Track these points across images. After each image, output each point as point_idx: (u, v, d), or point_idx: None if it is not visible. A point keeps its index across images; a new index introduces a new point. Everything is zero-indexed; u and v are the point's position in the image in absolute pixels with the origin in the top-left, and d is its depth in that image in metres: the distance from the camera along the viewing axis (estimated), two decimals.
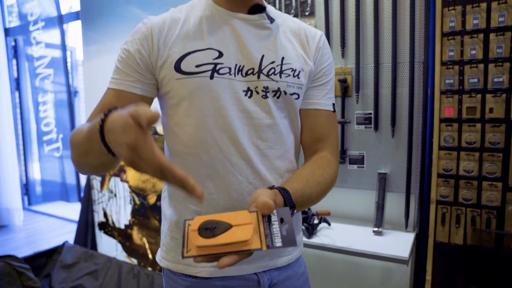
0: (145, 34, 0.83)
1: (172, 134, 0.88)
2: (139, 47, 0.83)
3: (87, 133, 0.67)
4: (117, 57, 0.86)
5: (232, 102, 0.83)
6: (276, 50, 0.87)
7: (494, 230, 1.60)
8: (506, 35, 1.52)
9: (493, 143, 1.58)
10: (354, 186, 1.79)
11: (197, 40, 0.84)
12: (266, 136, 0.86)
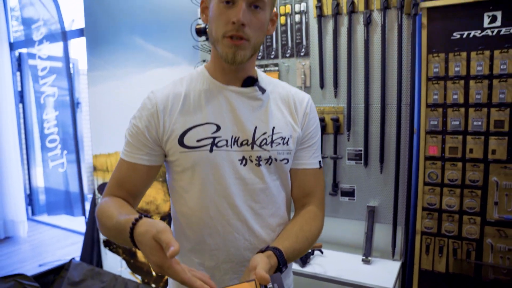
0: (151, 111, 0.96)
1: (178, 196, 1.01)
2: (147, 124, 0.95)
3: (117, 226, 0.82)
4: (128, 131, 0.99)
5: (229, 171, 0.95)
6: (267, 121, 0.98)
7: (474, 260, 1.75)
8: (484, 82, 1.66)
9: (473, 180, 1.72)
10: (345, 217, 1.93)
11: (197, 114, 0.95)
12: (260, 198, 0.99)
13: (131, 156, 0.97)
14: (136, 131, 0.96)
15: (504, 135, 1.65)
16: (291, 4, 1.93)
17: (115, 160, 2.76)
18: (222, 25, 0.88)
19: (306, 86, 1.94)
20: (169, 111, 0.95)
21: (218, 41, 0.91)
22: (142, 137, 0.95)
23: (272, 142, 0.98)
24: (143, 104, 0.98)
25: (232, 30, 0.88)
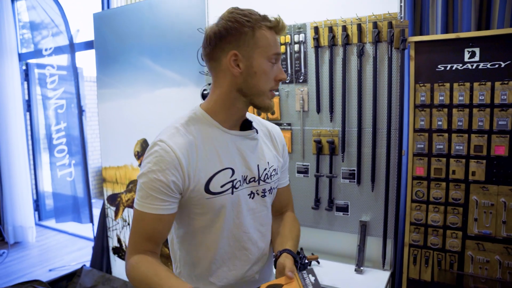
0: (173, 165, 0.98)
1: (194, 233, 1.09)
2: (172, 177, 0.98)
3: None
4: (148, 185, 0.98)
5: (243, 205, 1.11)
6: (264, 157, 1.15)
7: (456, 271, 1.94)
8: (465, 111, 1.85)
9: (455, 199, 1.91)
10: (340, 230, 2.12)
11: (215, 161, 1.05)
12: (264, 222, 1.19)
13: (156, 208, 0.99)
14: (160, 185, 0.98)
15: (482, 159, 1.84)
16: (291, 34, 2.11)
17: (124, 172, 2.93)
18: (270, 81, 1.04)
19: (304, 111, 2.12)
20: (190, 161, 1.01)
21: (262, 94, 1.04)
22: (167, 189, 0.99)
23: (270, 175, 1.17)
24: (160, 156, 0.99)
25: (276, 85, 1.07)
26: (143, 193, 1.00)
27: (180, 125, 1.05)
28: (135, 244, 1.01)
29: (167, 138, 1.01)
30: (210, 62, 1.07)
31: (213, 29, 1.03)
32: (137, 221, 1.01)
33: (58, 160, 3.86)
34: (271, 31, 1.04)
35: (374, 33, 1.91)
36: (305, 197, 2.18)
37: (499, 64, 1.78)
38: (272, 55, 1.03)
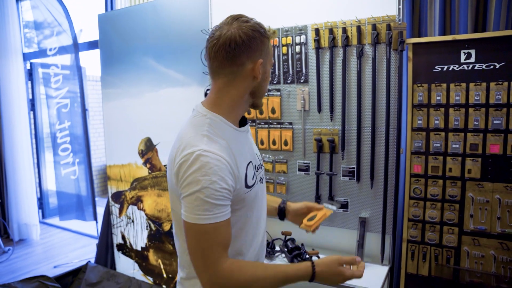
0: (228, 170, 1.04)
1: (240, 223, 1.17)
2: (230, 182, 1.04)
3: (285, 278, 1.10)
4: (214, 196, 1.00)
5: (261, 191, 1.26)
6: (255, 146, 1.31)
7: (452, 265, 2.01)
8: (461, 110, 1.92)
9: (452, 196, 1.98)
10: (340, 226, 2.18)
11: (242, 158, 1.13)
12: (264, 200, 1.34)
13: (225, 214, 1.04)
14: (226, 192, 1.03)
15: (478, 157, 1.91)
16: (292, 36, 2.18)
17: (128, 171, 3.00)
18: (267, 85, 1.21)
19: (305, 110, 2.19)
20: (232, 164, 1.07)
21: (263, 94, 1.20)
22: (230, 194, 1.05)
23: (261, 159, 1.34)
24: (215, 166, 1.01)
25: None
26: (210, 206, 1.00)
27: (207, 132, 1.08)
28: (216, 256, 1.03)
29: (208, 147, 1.03)
30: (232, 66, 1.09)
31: (235, 35, 1.06)
32: (210, 234, 1.02)
33: (62, 159, 3.94)
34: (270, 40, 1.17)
35: (373, 35, 1.97)
36: (306, 194, 2.25)
37: (494, 65, 1.84)
38: (272, 62, 1.18)
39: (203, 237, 1.02)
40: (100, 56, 3.04)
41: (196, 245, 1.03)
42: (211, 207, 1.00)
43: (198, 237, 1.02)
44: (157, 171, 2.84)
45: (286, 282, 1.11)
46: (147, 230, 2.94)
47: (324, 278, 1.14)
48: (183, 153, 1.04)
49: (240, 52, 1.07)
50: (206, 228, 1.01)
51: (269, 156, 2.34)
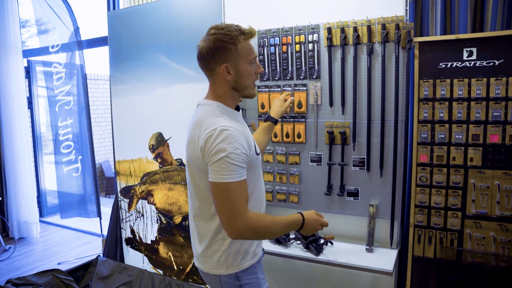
0: (244, 139, 1.37)
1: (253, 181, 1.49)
2: (247, 149, 1.37)
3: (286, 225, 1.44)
4: (238, 159, 1.30)
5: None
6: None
7: (456, 247, 2.21)
8: (464, 104, 2.12)
9: (456, 182, 2.18)
10: (351, 213, 2.36)
11: (248, 133, 1.47)
12: None
13: (244, 174, 1.35)
14: (245, 157, 1.35)
15: (479, 146, 2.11)
16: (305, 34, 2.35)
17: (138, 165, 3.12)
18: (252, 77, 1.47)
19: (318, 104, 2.36)
20: (246, 135, 1.41)
21: (248, 87, 1.47)
22: (247, 158, 1.37)
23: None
24: (236, 137, 1.32)
25: (257, 77, 1.52)
26: (235, 167, 1.30)
27: (220, 114, 1.41)
28: (242, 207, 1.31)
29: (226, 123, 1.35)
30: (207, 72, 1.45)
31: (204, 47, 1.40)
32: (236, 190, 1.31)
33: (64, 157, 4.00)
34: (247, 41, 1.42)
35: (383, 34, 2.15)
36: (318, 184, 2.42)
37: (493, 62, 2.05)
38: (251, 59, 1.44)
39: (231, 193, 1.30)
40: (109, 53, 3.14)
41: (225, 201, 1.31)
42: (236, 168, 1.30)
43: (226, 194, 1.30)
44: (168, 165, 2.97)
45: (288, 227, 1.45)
46: (157, 223, 3.06)
47: (309, 224, 1.49)
48: (207, 131, 1.33)
49: (208, 61, 1.41)
50: (232, 186, 1.30)
51: (282, 149, 2.50)
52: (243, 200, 1.32)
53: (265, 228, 1.37)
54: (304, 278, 2.54)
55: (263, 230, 1.38)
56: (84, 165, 3.93)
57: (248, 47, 1.43)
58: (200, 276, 2.93)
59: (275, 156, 2.52)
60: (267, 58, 2.47)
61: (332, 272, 2.45)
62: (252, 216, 1.34)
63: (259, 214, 1.40)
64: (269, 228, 1.38)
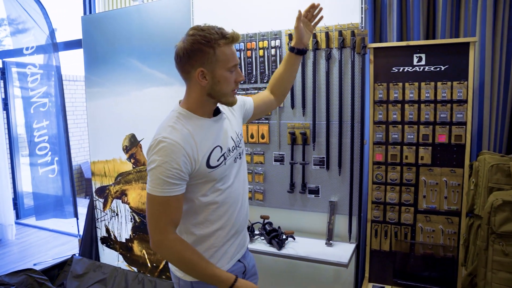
0: (182, 153, 1.30)
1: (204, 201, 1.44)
2: (183, 164, 1.31)
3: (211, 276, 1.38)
4: (165, 174, 1.28)
5: (233, 168, 1.54)
6: (233, 129, 1.57)
7: (409, 240, 2.40)
8: (414, 106, 2.31)
9: (408, 180, 2.37)
10: (312, 210, 2.54)
11: (207, 144, 1.41)
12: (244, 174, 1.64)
13: (176, 190, 1.32)
14: (176, 172, 1.30)
15: (429, 146, 2.31)
16: (268, 40, 2.52)
17: (112, 166, 3.25)
18: (231, 85, 1.41)
19: (280, 107, 2.53)
20: (192, 149, 1.35)
21: (226, 95, 1.41)
22: (181, 174, 1.32)
23: (240, 140, 1.62)
24: (170, 150, 1.29)
25: (236, 86, 1.46)
26: (161, 181, 1.29)
27: (173, 123, 1.36)
28: (162, 224, 1.32)
29: (169, 135, 1.32)
30: (182, 74, 1.40)
31: (180, 48, 1.34)
32: (160, 205, 1.31)
33: (39, 158, 4.11)
34: (228, 46, 1.36)
35: (340, 40, 2.34)
36: (281, 183, 2.59)
37: (440, 68, 2.25)
38: (231, 67, 1.38)
39: (155, 207, 1.32)
40: (84, 56, 3.28)
41: (150, 212, 1.34)
42: (162, 182, 1.29)
43: (151, 206, 1.33)
44: (141, 165, 3.11)
45: (209, 279, 1.40)
46: (131, 222, 3.21)
47: None
48: (151, 140, 1.34)
49: (184, 63, 1.36)
50: (157, 199, 1.31)
51: (247, 149, 2.67)
52: (168, 218, 1.33)
53: (179, 260, 1.37)
54: (270, 273, 2.71)
55: (179, 260, 1.37)
56: (62, 166, 4.04)
57: (228, 52, 1.36)
58: None
59: None
60: None
61: (296, 266, 2.63)
62: (174, 240, 1.35)
63: (184, 244, 1.38)
64: (187, 263, 1.37)
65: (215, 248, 1.50)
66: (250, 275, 1.70)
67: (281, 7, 2.49)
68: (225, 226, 1.51)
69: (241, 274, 1.62)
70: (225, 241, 1.52)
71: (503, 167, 2.02)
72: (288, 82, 1.88)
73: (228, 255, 1.55)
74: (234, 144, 1.55)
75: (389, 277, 2.48)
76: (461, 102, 2.22)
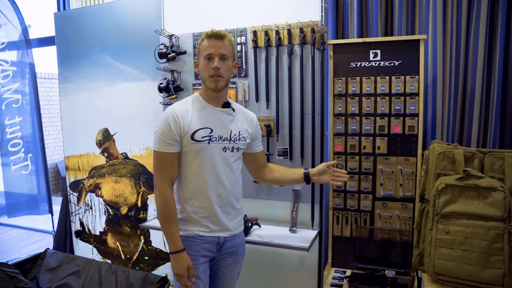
0: (175, 119, 1.78)
1: (186, 168, 1.84)
2: (174, 128, 1.77)
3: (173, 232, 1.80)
4: (161, 134, 1.77)
5: (218, 155, 1.86)
6: (237, 128, 1.93)
7: (368, 226, 2.62)
8: (371, 99, 2.54)
9: (366, 168, 2.59)
10: (277, 199, 2.74)
11: (200, 123, 1.83)
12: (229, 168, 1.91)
13: (169, 148, 1.78)
14: (169, 132, 1.77)
15: (384, 136, 2.53)
16: (234, 36, 2.72)
17: (86, 160, 3.41)
18: (208, 71, 1.81)
19: (246, 100, 2.73)
20: (184, 120, 1.79)
21: (206, 80, 1.82)
22: (174, 135, 1.77)
23: (239, 139, 1.92)
24: (167, 116, 1.79)
25: (212, 72, 1.80)
26: (159, 140, 1.78)
27: (185, 100, 1.90)
28: (161, 175, 1.79)
29: (173, 106, 1.84)
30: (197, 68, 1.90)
31: None
32: (160, 159, 1.79)
33: (12, 155, 4.21)
34: (208, 39, 1.81)
35: (301, 36, 2.55)
36: (247, 173, 2.77)
37: (394, 63, 2.47)
38: (206, 55, 1.80)
39: (156, 160, 1.81)
40: (57, 53, 3.43)
41: (154, 164, 1.82)
42: (160, 141, 1.78)
43: (154, 159, 1.81)
44: (114, 159, 3.28)
45: (167, 235, 1.80)
46: (105, 215, 3.37)
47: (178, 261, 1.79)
48: None
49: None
50: (157, 154, 1.79)
51: None
52: (163, 169, 1.79)
53: (163, 207, 1.79)
54: None
55: (161, 207, 1.80)
56: (37, 165, 4.16)
57: (206, 44, 1.80)
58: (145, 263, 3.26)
59: None
60: None
61: (262, 253, 2.83)
62: (166, 190, 1.80)
63: (171, 198, 1.81)
64: (163, 213, 1.79)
65: (186, 213, 1.87)
66: (227, 253, 1.97)
67: (246, 5, 2.69)
68: (199, 198, 1.86)
69: (215, 245, 1.91)
70: (198, 215, 1.87)
71: (448, 155, 2.25)
72: (277, 184, 2.34)
73: (199, 226, 1.87)
74: (229, 136, 1.89)
75: (350, 261, 2.70)
76: (413, 95, 2.45)
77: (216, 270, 1.99)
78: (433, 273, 2.00)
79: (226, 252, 1.96)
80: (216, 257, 1.96)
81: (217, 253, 1.93)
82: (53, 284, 3.20)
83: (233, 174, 1.93)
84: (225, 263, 1.99)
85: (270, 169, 2.17)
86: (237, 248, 2.01)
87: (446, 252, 1.98)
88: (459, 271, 1.93)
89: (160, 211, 1.80)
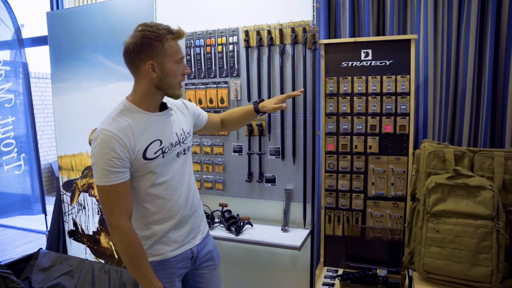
0: (119, 142, 1.45)
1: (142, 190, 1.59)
2: (120, 152, 1.45)
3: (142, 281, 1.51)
4: (106, 164, 1.42)
5: (174, 163, 1.67)
6: (180, 126, 1.72)
7: (360, 225, 2.64)
8: (362, 98, 2.55)
9: (358, 168, 2.61)
10: (269, 198, 2.75)
11: (147, 137, 1.55)
12: (186, 169, 1.76)
13: (119, 178, 1.46)
14: (117, 160, 1.45)
15: (376, 135, 2.55)
16: (226, 36, 2.73)
17: (79, 160, 3.42)
18: (178, 77, 1.58)
19: (238, 100, 2.74)
20: (129, 140, 1.49)
21: (173, 87, 1.57)
22: (121, 161, 1.47)
23: (186, 138, 1.75)
24: (107, 141, 1.43)
25: (183, 78, 1.63)
26: (105, 172, 1.44)
27: (115, 116, 1.51)
28: (115, 210, 1.47)
29: (108, 126, 1.47)
30: (131, 68, 1.54)
31: (130, 43, 1.49)
32: (110, 193, 1.46)
33: (5, 155, 4.21)
34: (174, 40, 1.54)
35: (292, 36, 2.56)
36: (239, 172, 2.80)
37: (385, 62, 2.49)
38: (178, 59, 1.55)
39: (105, 196, 1.47)
40: (50, 52, 3.43)
41: (102, 202, 1.49)
42: (107, 172, 1.44)
43: (102, 196, 1.48)
44: None
45: (141, 278, 1.52)
46: (98, 215, 3.37)
47: None
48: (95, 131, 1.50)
49: (134, 57, 1.49)
50: (105, 189, 1.46)
51: (208, 141, 2.87)
52: (117, 203, 1.47)
53: (127, 249, 1.50)
54: (230, 259, 2.92)
55: (124, 249, 1.50)
56: (30, 165, 4.16)
57: (175, 46, 1.53)
58: None
59: (202, 147, 2.90)
60: (193, 58, 2.84)
61: (254, 252, 2.84)
62: (126, 227, 1.49)
63: (133, 236, 1.51)
64: (130, 255, 1.51)
65: (156, 237, 1.66)
66: (202, 262, 1.85)
67: (238, 4, 2.70)
68: (165, 218, 1.66)
69: (189, 260, 1.78)
70: (166, 231, 1.67)
71: (439, 154, 2.27)
72: (238, 126, 2.25)
73: (171, 244, 1.70)
74: (178, 140, 1.69)
75: (342, 260, 2.71)
76: (404, 95, 2.46)
77: (196, 282, 1.88)
78: (423, 271, 2.02)
79: (201, 261, 1.85)
80: (192, 270, 1.84)
81: (192, 266, 1.82)
82: (46, 284, 3.21)
83: (189, 176, 1.78)
84: (204, 272, 1.87)
85: (226, 119, 2.10)
86: (211, 254, 1.89)
87: (436, 250, 2.00)
88: (448, 269, 1.95)
89: (126, 255, 1.51)
